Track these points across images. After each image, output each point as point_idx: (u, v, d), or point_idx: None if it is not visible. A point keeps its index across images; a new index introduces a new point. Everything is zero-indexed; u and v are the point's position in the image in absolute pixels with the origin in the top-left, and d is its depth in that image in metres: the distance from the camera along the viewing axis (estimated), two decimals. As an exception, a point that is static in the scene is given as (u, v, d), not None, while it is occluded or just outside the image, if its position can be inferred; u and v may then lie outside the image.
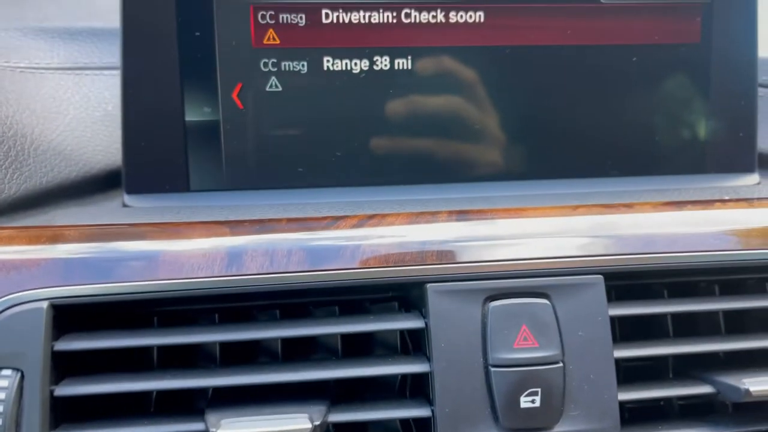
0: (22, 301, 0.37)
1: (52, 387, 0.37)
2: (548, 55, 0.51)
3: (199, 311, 0.43)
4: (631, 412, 0.44)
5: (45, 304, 0.37)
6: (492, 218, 0.43)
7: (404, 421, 0.42)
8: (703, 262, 0.42)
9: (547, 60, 0.51)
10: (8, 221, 0.44)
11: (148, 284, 0.38)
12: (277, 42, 0.49)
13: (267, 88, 0.49)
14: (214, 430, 0.36)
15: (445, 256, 0.40)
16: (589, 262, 0.41)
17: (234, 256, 0.39)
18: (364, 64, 0.50)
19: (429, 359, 0.39)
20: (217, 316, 0.43)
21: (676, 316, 0.46)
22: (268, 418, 0.37)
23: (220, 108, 0.49)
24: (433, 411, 0.39)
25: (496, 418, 0.39)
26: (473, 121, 0.51)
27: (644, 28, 0.52)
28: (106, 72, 0.56)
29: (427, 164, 0.51)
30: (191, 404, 0.42)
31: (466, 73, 0.50)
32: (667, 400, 0.45)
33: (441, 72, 0.50)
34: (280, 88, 0.49)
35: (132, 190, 0.48)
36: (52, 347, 0.37)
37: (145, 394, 0.41)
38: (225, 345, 0.43)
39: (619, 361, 0.41)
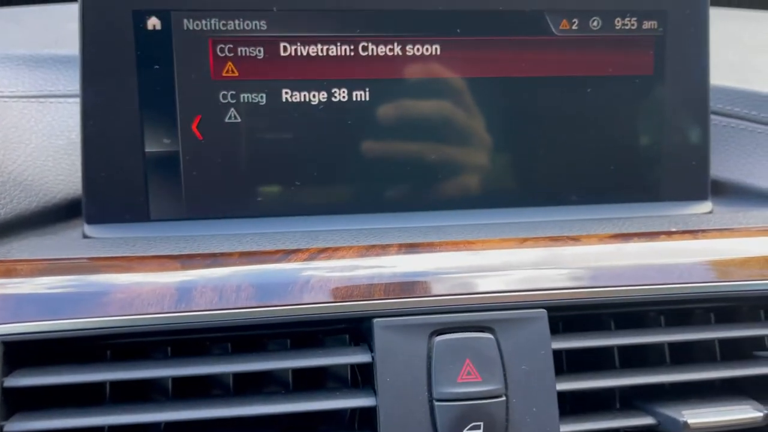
0: (-27, 338, 0.38)
1: (2, 423, 0.38)
2: (504, 87, 0.52)
3: (153, 343, 0.43)
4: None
5: (-5, 341, 0.38)
6: (441, 251, 0.44)
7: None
8: (645, 296, 0.43)
9: (502, 91, 0.52)
10: (-36, 255, 0.44)
11: (98, 320, 0.39)
12: (236, 74, 0.50)
13: (226, 120, 0.50)
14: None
15: (392, 290, 0.41)
16: (533, 297, 0.42)
17: (183, 291, 0.40)
18: (323, 95, 0.51)
19: (375, 393, 0.40)
20: (169, 348, 0.44)
21: (623, 346, 0.46)
22: (217, 453, 0.38)
23: (180, 139, 0.50)
24: (379, 444, 0.40)
25: (439, 452, 0.40)
26: (430, 152, 0.52)
27: (598, 59, 0.53)
28: (70, 99, 0.56)
29: (384, 194, 0.52)
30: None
31: (422, 104, 0.51)
32: (613, 429, 0.46)
33: (397, 103, 0.51)
34: (239, 120, 0.50)
35: (92, 221, 0.49)
36: (2, 383, 0.38)
37: (97, 428, 0.42)
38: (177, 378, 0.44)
39: (564, 393, 0.42)
